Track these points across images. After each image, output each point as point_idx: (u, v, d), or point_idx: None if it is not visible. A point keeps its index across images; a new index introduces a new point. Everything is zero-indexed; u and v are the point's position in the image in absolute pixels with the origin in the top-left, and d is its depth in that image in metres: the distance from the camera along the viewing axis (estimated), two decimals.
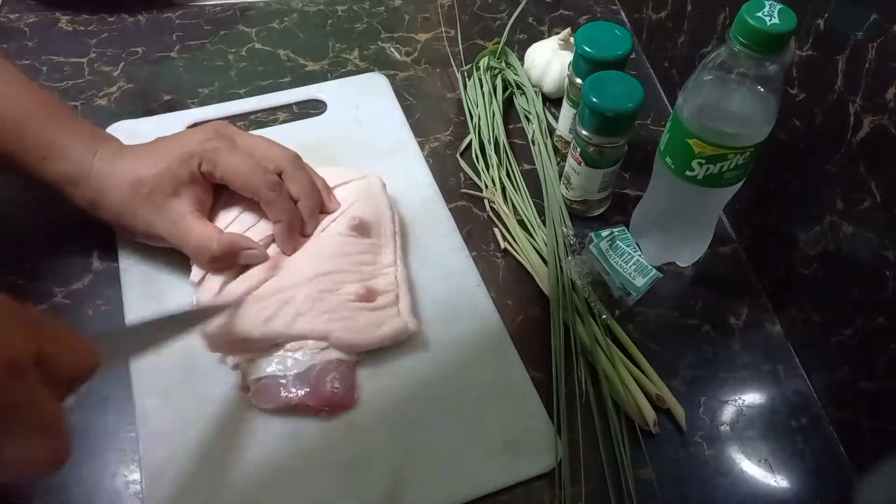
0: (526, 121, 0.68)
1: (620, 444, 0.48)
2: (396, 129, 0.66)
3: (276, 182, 0.51)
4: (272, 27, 0.76)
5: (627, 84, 0.54)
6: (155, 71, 0.70)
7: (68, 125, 0.51)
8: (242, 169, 0.50)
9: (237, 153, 0.51)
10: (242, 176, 0.50)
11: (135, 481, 0.45)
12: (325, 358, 0.48)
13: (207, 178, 0.51)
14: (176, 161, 0.50)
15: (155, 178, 0.49)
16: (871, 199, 0.45)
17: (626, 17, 0.80)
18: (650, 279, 0.56)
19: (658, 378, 0.51)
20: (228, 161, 0.50)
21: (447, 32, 0.76)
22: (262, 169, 0.51)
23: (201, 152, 0.50)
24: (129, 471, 0.46)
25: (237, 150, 0.51)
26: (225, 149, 0.50)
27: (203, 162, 0.50)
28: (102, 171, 0.50)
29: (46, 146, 0.49)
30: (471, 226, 0.60)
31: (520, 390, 0.50)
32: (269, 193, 0.50)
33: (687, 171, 0.50)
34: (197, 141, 0.51)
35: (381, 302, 0.51)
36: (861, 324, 0.47)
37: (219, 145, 0.50)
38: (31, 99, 0.51)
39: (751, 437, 0.50)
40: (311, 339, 0.49)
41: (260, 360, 0.48)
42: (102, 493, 0.45)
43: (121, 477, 0.46)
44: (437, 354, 0.52)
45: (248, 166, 0.50)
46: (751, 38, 0.43)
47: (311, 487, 0.45)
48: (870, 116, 0.45)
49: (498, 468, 0.47)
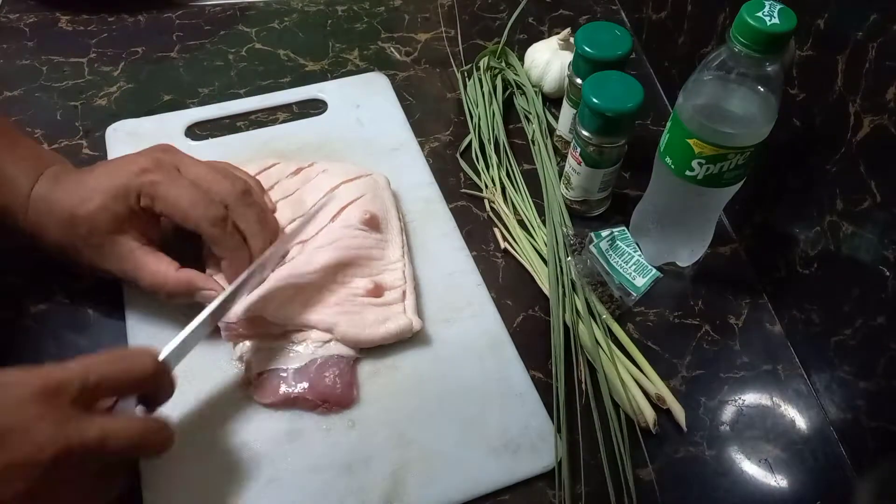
0: (526, 121, 0.68)
1: (620, 444, 0.48)
2: (397, 128, 0.66)
3: (220, 217, 0.47)
4: (272, 27, 0.76)
5: (627, 84, 0.54)
6: (155, 71, 0.70)
7: (11, 150, 0.48)
8: (182, 203, 0.46)
9: (178, 184, 0.47)
10: (182, 211, 0.46)
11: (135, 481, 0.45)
12: (326, 353, 0.49)
13: (147, 213, 0.47)
14: (111, 197, 0.46)
15: (90, 218, 0.46)
16: (871, 199, 0.45)
17: (626, 17, 0.80)
18: (650, 279, 0.56)
19: (658, 378, 0.51)
20: (167, 194, 0.46)
21: (447, 32, 0.76)
22: (206, 201, 0.47)
23: (138, 186, 0.46)
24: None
25: (179, 180, 0.47)
26: (164, 181, 0.46)
27: (141, 196, 0.46)
28: (39, 203, 0.46)
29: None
30: (471, 226, 0.60)
31: (520, 390, 0.50)
32: (211, 229, 0.47)
33: (687, 171, 0.50)
34: (133, 173, 0.46)
35: (388, 298, 0.51)
36: (861, 324, 0.47)
37: (156, 178, 0.46)
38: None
39: (751, 437, 0.50)
40: (317, 330, 0.49)
41: (263, 353, 0.49)
42: None
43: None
44: (437, 354, 0.52)
45: (189, 199, 0.46)
46: (751, 38, 0.43)
47: (311, 486, 0.45)
48: (870, 116, 0.45)
49: (498, 468, 0.47)
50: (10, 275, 0.54)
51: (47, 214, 0.46)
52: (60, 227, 0.46)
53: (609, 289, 0.55)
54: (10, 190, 0.46)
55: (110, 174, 0.47)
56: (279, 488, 0.45)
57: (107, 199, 0.46)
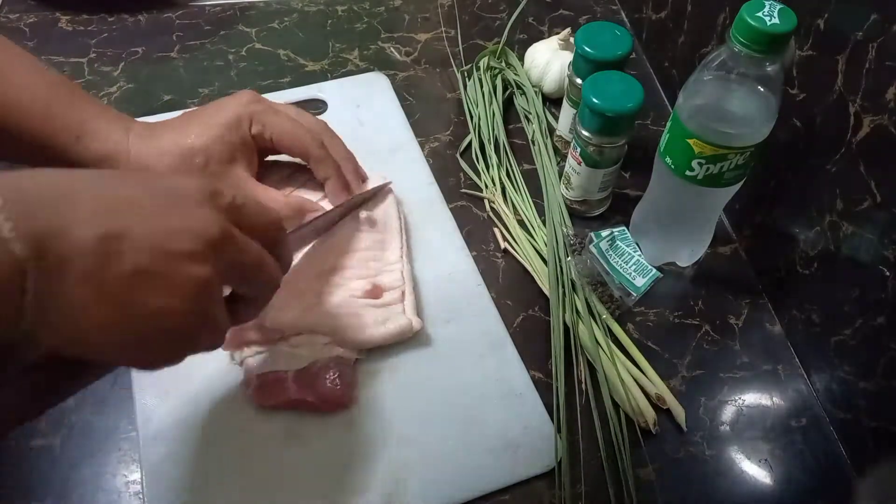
0: (526, 121, 0.68)
1: (620, 444, 0.48)
2: (397, 128, 0.66)
3: (321, 141, 0.52)
4: (272, 27, 0.76)
5: (627, 84, 0.54)
6: (155, 71, 0.70)
7: (95, 107, 0.50)
8: (292, 129, 0.51)
9: (281, 114, 0.51)
10: (292, 135, 0.51)
11: (135, 481, 0.45)
12: (326, 355, 0.49)
13: (257, 141, 0.51)
14: (225, 127, 0.50)
15: (208, 147, 0.49)
16: (871, 199, 0.45)
17: (626, 17, 0.80)
18: (650, 279, 0.56)
19: (658, 378, 0.51)
20: (276, 121, 0.51)
21: (447, 32, 0.76)
22: (306, 129, 0.52)
23: (250, 114, 0.50)
24: (129, 471, 0.46)
25: (280, 111, 0.52)
26: (270, 110, 0.51)
27: (253, 123, 0.50)
28: (142, 147, 0.49)
29: (77, 126, 0.48)
30: (471, 226, 0.60)
31: (520, 390, 0.50)
32: (319, 151, 0.52)
33: (687, 171, 0.50)
34: (241, 103, 0.51)
35: (387, 299, 0.51)
36: (861, 324, 0.47)
37: (262, 107, 0.51)
38: (57, 82, 0.49)
39: (751, 437, 0.50)
40: (316, 334, 0.49)
41: (263, 356, 0.49)
42: (102, 493, 0.45)
43: (121, 477, 0.46)
44: (437, 354, 0.52)
45: (296, 127, 0.51)
46: (751, 38, 0.43)
47: (312, 487, 0.45)
48: (870, 116, 0.45)
49: (498, 468, 0.47)
50: None
51: (154, 153, 0.49)
52: (172, 163, 0.49)
53: (609, 289, 0.55)
54: (108, 138, 0.48)
55: (218, 109, 0.51)
56: (279, 489, 0.45)
57: (222, 129, 0.50)
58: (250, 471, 0.46)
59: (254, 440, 0.47)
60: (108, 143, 0.48)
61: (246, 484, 0.45)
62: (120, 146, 0.48)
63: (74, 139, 0.48)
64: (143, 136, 0.49)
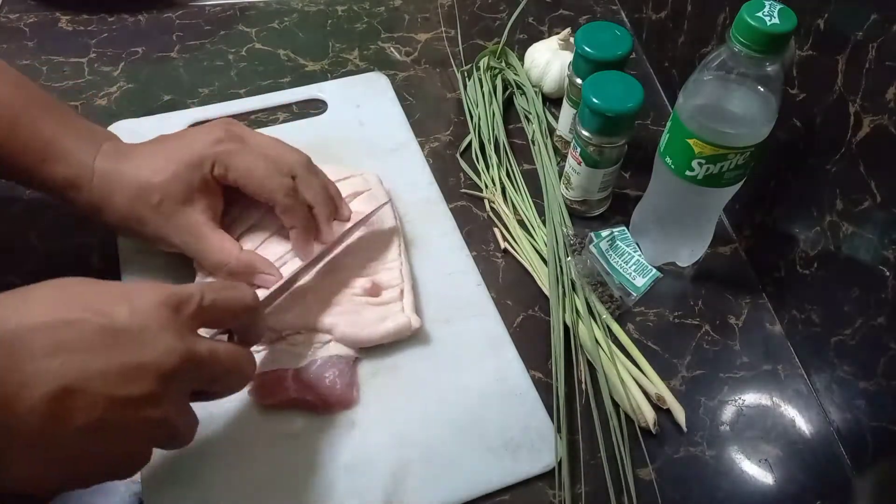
0: (526, 121, 0.68)
1: (620, 444, 0.48)
2: (397, 128, 0.66)
3: (292, 187, 0.49)
4: (272, 27, 0.76)
5: (627, 84, 0.54)
6: (155, 71, 0.70)
7: (65, 124, 0.48)
8: (258, 172, 0.48)
9: (250, 154, 0.48)
10: (258, 180, 0.48)
11: (135, 481, 0.45)
12: (325, 353, 0.49)
13: (220, 182, 0.49)
14: (186, 165, 0.47)
15: (164, 185, 0.46)
16: (871, 199, 0.45)
17: (626, 17, 0.80)
18: (650, 279, 0.56)
19: (658, 378, 0.51)
20: (241, 164, 0.48)
21: (447, 32, 0.76)
22: (277, 172, 0.48)
23: (213, 155, 0.47)
24: None
25: (250, 150, 0.48)
26: (238, 151, 0.48)
27: (216, 165, 0.47)
28: (105, 174, 0.47)
29: (42, 146, 0.46)
30: (471, 226, 0.60)
31: (520, 390, 0.50)
32: (285, 199, 0.48)
33: (687, 171, 0.50)
34: (207, 142, 0.48)
35: (385, 297, 0.51)
36: (861, 324, 0.47)
37: (231, 147, 0.48)
38: (25, 96, 0.47)
39: (751, 437, 0.50)
40: (316, 332, 0.49)
41: (262, 355, 0.49)
42: (102, 493, 0.45)
43: None
44: (437, 354, 0.52)
45: (263, 169, 0.48)
46: (751, 38, 0.43)
47: (312, 487, 0.45)
48: (870, 116, 0.45)
49: (498, 468, 0.47)
50: (9, 275, 0.54)
51: (116, 184, 0.47)
52: (129, 197, 0.47)
53: (609, 289, 0.55)
54: (73, 162, 0.46)
55: (184, 144, 0.48)
56: (279, 489, 0.45)
57: (181, 167, 0.47)
58: (250, 470, 0.45)
59: (254, 440, 0.47)
60: (72, 167, 0.46)
61: (246, 483, 0.45)
62: (83, 170, 0.46)
63: (40, 161, 0.46)
64: (109, 161, 0.47)
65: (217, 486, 0.45)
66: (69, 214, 0.52)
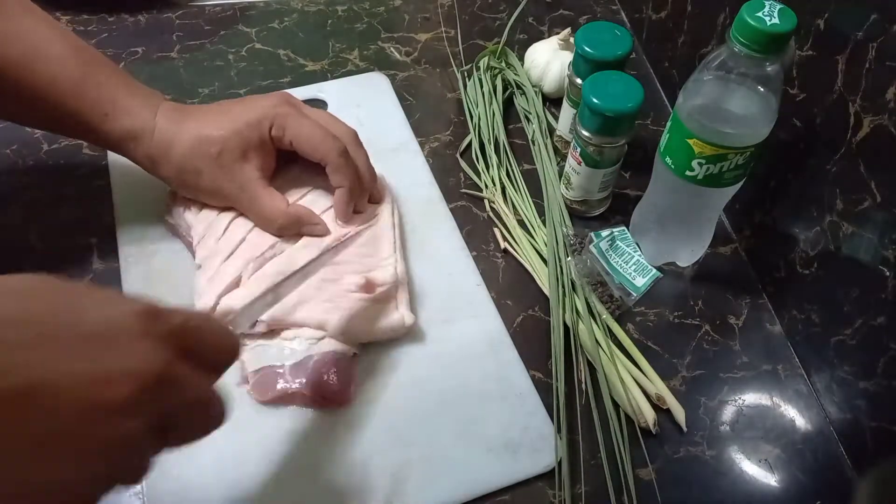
0: (526, 121, 0.68)
1: (620, 444, 0.48)
2: (397, 128, 0.66)
3: (345, 149, 0.52)
4: (272, 27, 0.76)
5: (627, 84, 0.54)
6: (155, 71, 0.70)
7: (127, 84, 0.51)
8: (313, 134, 0.51)
9: (306, 119, 0.52)
10: (312, 140, 0.51)
11: None
12: (321, 349, 0.48)
13: (275, 144, 0.52)
14: (246, 124, 0.50)
15: (225, 139, 0.50)
16: (871, 199, 0.45)
17: (626, 17, 0.80)
18: (650, 279, 0.56)
19: (658, 378, 0.51)
20: (298, 126, 0.51)
21: (447, 32, 0.76)
22: (331, 136, 0.51)
23: (272, 116, 0.51)
24: None
25: (306, 116, 0.52)
26: (294, 114, 0.51)
27: (273, 126, 0.51)
28: (166, 127, 0.50)
29: (107, 103, 0.49)
30: (471, 226, 0.60)
31: (520, 390, 0.50)
32: (338, 159, 0.51)
33: (687, 171, 0.50)
34: (267, 105, 0.51)
35: (380, 294, 0.51)
36: (861, 324, 0.47)
37: (289, 110, 0.51)
38: (91, 59, 0.51)
39: (751, 437, 0.50)
40: (309, 328, 0.49)
41: (258, 350, 0.49)
42: None
43: None
44: (437, 354, 0.52)
45: (318, 133, 0.51)
46: (751, 38, 0.43)
47: (311, 487, 0.45)
48: (870, 116, 0.45)
49: (498, 468, 0.47)
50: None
51: (176, 134, 0.50)
52: (188, 148, 0.50)
53: (609, 289, 0.55)
54: (135, 115, 0.50)
55: (245, 106, 0.52)
56: (278, 488, 0.45)
57: (242, 125, 0.50)
58: (250, 471, 0.45)
59: (254, 440, 0.47)
60: (136, 120, 0.50)
61: (245, 484, 0.45)
62: (146, 123, 0.50)
63: (103, 116, 0.49)
64: (170, 117, 0.51)
65: (217, 486, 0.45)
66: (69, 214, 0.52)
